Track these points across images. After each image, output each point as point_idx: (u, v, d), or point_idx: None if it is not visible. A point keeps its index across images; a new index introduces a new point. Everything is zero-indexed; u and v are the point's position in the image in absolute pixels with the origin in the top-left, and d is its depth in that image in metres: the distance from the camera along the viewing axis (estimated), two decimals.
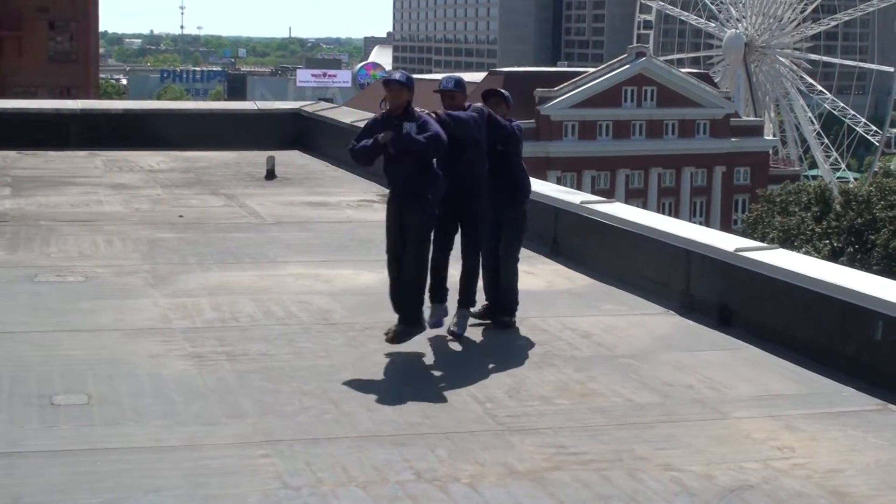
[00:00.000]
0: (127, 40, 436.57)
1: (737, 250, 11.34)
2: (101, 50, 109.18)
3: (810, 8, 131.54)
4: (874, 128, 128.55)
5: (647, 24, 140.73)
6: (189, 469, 7.47)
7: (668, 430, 8.42)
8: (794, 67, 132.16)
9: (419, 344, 10.48)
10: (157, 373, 9.46)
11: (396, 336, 10.19)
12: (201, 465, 7.54)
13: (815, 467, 7.75)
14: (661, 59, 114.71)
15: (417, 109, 10.21)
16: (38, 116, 24.70)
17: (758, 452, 8.01)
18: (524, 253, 14.65)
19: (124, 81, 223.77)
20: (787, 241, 70.88)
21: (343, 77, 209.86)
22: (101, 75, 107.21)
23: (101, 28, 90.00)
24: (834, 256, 67.10)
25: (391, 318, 11.17)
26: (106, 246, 14.60)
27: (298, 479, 7.35)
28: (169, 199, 18.50)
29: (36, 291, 12.19)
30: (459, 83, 10.69)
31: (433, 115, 10.23)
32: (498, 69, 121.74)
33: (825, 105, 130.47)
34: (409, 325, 10.22)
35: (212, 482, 7.28)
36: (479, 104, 10.84)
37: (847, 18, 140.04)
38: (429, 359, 10.11)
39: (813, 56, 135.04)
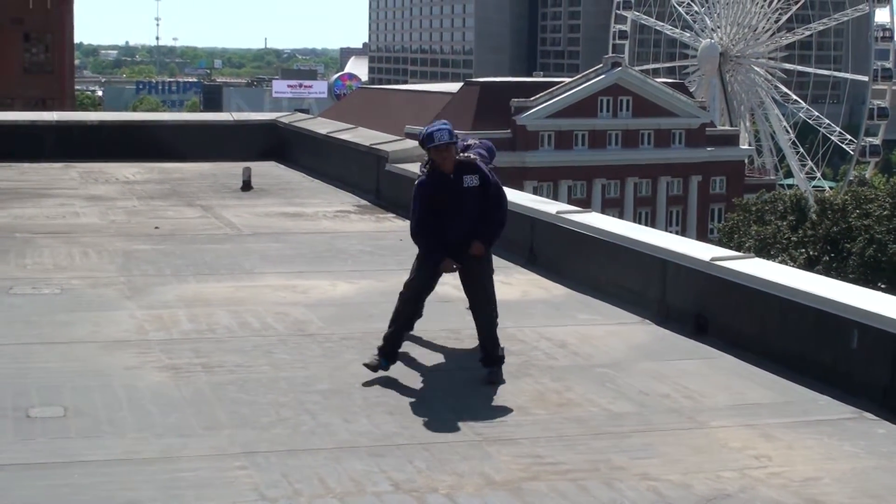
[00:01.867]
0: (102, 52, 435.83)
1: (713, 259, 11.37)
2: (77, 61, 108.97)
3: (784, 18, 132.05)
4: (849, 137, 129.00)
5: (623, 34, 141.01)
6: (165, 481, 7.45)
7: (644, 440, 8.44)
8: (769, 77, 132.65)
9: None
10: (133, 385, 9.43)
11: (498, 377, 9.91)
12: (177, 478, 7.51)
13: (791, 476, 7.77)
14: (637, 68, 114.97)
15: (464, 155, 9.82)
16: (12, 128, 24.61)
17: (735, 461, 8.03)
18: (501, 262, 14.69)
19: (100, 93, 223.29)
20: (763, 249, 71.09)
21: (319, 88, 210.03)
22: (77, 87, 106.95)
23: (77, 39, 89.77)
24: (810, 265, 67.30)
25: (368, 329, 11.18)
26: (82, 258, 14.55)
27: (275, 490, 7.34)
28: (145, 210, 18.45)
29: (11, 304, 12.14)
30: (451, 133, 9.97)
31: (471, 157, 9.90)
32: (473, 79, 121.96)
33: (800, 114, 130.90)
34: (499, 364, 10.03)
35: (188, 494, 7.26)
36: (478, 141, 10.65)
37: (821, 28, 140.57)
38: (405, 369, 10.10)
39: (787, 65, 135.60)
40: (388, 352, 9.85)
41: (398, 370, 10.02)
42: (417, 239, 9.95)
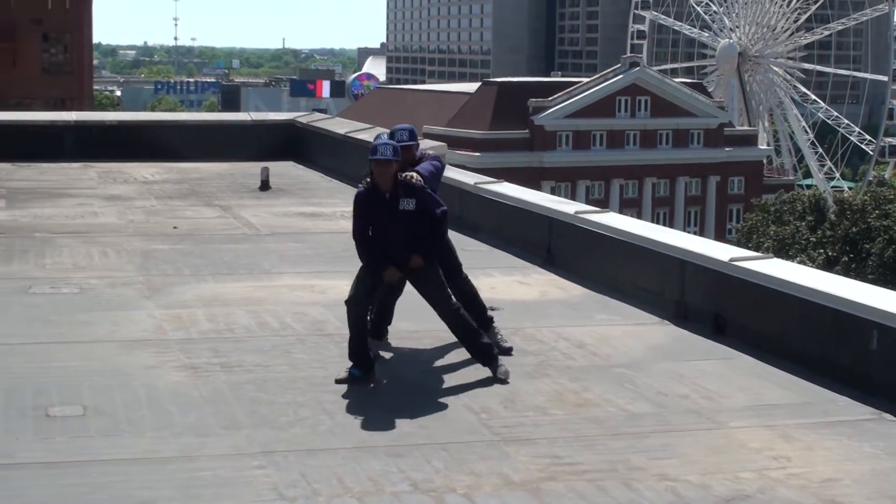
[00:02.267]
0: (121, 52, 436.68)
1: (731, 260, 11.35)
2: (95, 61, 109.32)
3: (804, 17, 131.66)
4: (868, 137, 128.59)
5: (641, 34, 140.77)
6: (184, 480, 7.47)
7: (663, 440, 8.42)
8: (788, 77, 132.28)
9: (413, 354, 10.49)
10: (152, 384, 9.45)
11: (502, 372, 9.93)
12: (196, 477, 7.53)
13: (810, 477, 7.76)
14: (655, 68, 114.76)
15: (403, 175, 9.72)
16: (32, 128, 24.69)
17: (753, 462, 8.02)
18: (519, 262, 14.71)
19: (118, 93, 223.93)
20: (782, 250, 70.88)
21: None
22: (95, 87, 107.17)
23: (95, 40, 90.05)
24: (829, 266, 67.12)
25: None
26: (101, 257, 14.59)
27: (294, 490, 7.34)
28: (163, 210, 18.49)
29: (31, 303, 12.18)
30: (412, 134, 10.31)
31: (415, 178, 9.77)
32: (491, 79, 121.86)
33: (819, 114, 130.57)
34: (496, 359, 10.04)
35: (206, 493, 7.27)
36: (433, 153, 10.72)
37: (840, 28, 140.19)
38: (423, 369, 10.11)
39: (806, 65, 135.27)
40: (357, 361, 9.73)
41: (415, 370, 10.03)
42: (357, 249, 9.88)
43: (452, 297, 10.03)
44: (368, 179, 9.77)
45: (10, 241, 15.45)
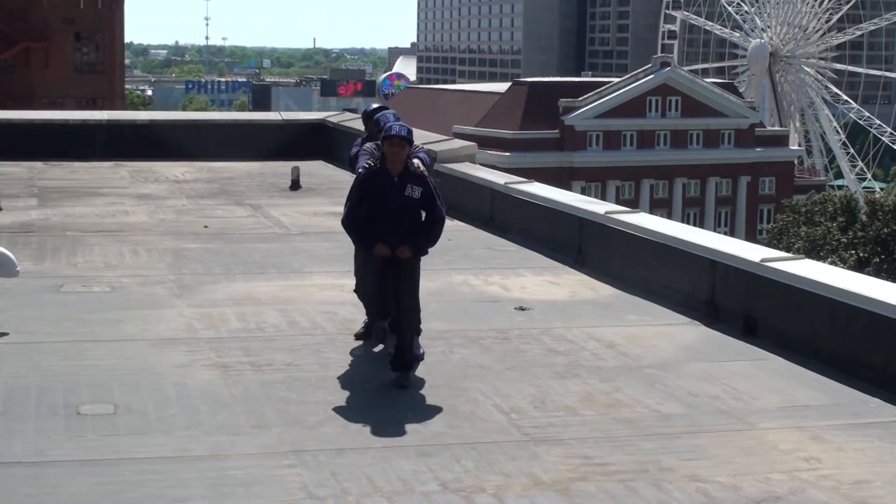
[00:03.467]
0: (152, 51, 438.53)
1: (762, 260, 11.31)
2: (127, 61, 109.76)
3: (835, 18, 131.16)
4: None
5: (672, 34, 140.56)
6: (214, 479, 7.48)
7: (693, 441, 8.40)
8: (819, 77, 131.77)
9: (443, 354, 10.49)
10: (182, 383, 9.48)
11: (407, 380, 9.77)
12: (226, 476, 7.55)
13: (841, 479, 7.72)
14: (686, 68, 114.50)
15: (415, 164, 9.69)
16: (64, 127, 24.81)
17: (784, 463, 7.98)
18: (549, 262, 14.69)
19: (149, 92, 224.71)
20: (813, 251, 70.63)
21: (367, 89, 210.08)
22: (127, 86, 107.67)
23: (127, 39, 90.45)
24: (860, 266, 66.84)
25: None
26: (132, 256, 14.65)
27: (324, 489, 7.35)
28: (194, 209, 18.55)
29: (62, 301, 12.24)
30: (411, 132, 10.01)
31: (420, 167, 9.75)
32: (522, 79, 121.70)
33: (850, 115, 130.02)
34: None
35: (237, 492, 7.29)
36: (420, 145, 10.70)
37: (872, 28, 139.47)
38: (453, 369, 10.11)
39: (838, 66, 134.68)
40: (380, 311, 9.80)
41: (445, 369, 10.02)
42: (347, 229, 9.80)
43: (419, 296, 9.85)
44: (373, 160, 9.74)
45: (42, 240, 15.53)
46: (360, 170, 10.04)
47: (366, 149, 10.65)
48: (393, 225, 9.60)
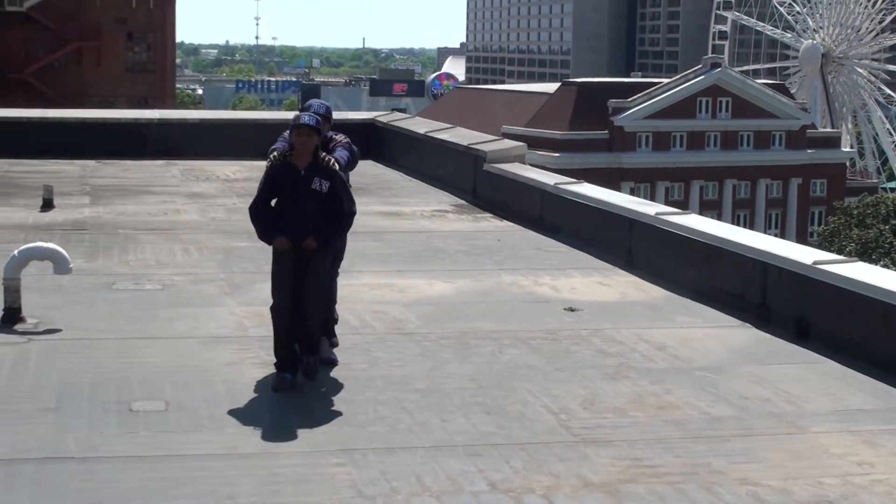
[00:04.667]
0: (203, 51, 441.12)
1: (815, 263, 11.22)
2: (178, 60, 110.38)
3: (889, 18, 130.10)
4: None
5: (723, 35, 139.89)
6: (264, 476, 7.51)
7: (744, 444, 8.35)
8: (872, 78, 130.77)
9: (492, 355, 10.48)
10: (232, 380, 9.52)
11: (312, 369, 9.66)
12: (276, 473, 7.57)
13: (894, 483, 7.64)
14: (737, 69, 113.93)
15: (324, 156, 9.47)
16: (116, 126, 24.99)
17: (836, 468, 7.92)
18: (599, 263, 14.65)
19: (200, 91, 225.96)
20: (865, 253, 70.12)
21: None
22: (178, 85, 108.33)
23: (178, 39, 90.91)
24: None
25: (465, 329, 11.21)
26: (183, 254, 14.73)
27: (373, 488, 7.36)
28: (244, 208, 18.54)
29: (115, 299, 12.32)
30: (328, 110, 10.07)
31: (333, 163, 9.52)
32: (571, 80, 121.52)
33: None
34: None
35: (286, 490, 7.31)
36: (345, 138, 10.45)
37: None
38: (502, 370, 10.09)
39: (891, 67, 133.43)
40: (283, 364, 9.49)
41: (495, 370, 10.01)
42: (252, 220, 9.60)
43: (326, 284, 9.72)
44: (284, 152, 9.50)
45: (95, 238, 15.64)
46: (270, 157, 9.65)
47: (284, 136, 10.27)
48: (298, 217, 9.36)
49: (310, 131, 9.33)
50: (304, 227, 9.36)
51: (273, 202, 9.58)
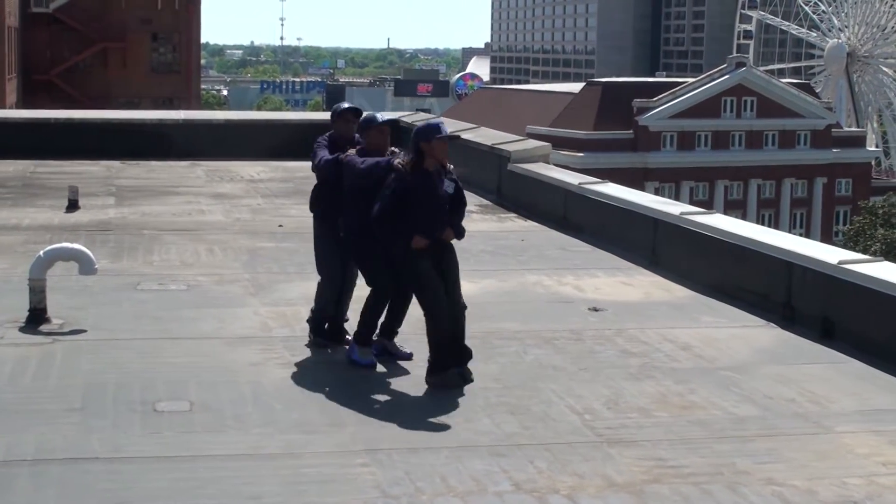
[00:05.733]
0: (228, 52, 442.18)
1: (840, 262, 11.19)
2: (203, 61, 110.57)
3: None
4: None
5: (748, 34, 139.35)
6: (288, 477, 7.52)
7: (769, 444, 8.33)
8: None
9: (517, 355, 10.48)
10: (257, 381, 9.54)
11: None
12: (301, 473, 7.59)
13: None
14: (762, 69, 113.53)
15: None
16: (141, 127, 25.08)
17: (861, 468, 7.89)
18: (623, 263, 14.63)
19: (225, 92, 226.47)
20: (890, 253, 69.82)
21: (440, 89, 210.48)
22: (203, 86, 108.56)
23: (203, 39, 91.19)
24: None
25: (490, 329, 11.20)
26: (207, 255, 14.77)
27: (397, 488, 7.37)
28: (269, 208, 18.67)
29: (139, 299, 12.37)
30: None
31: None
32: (596, 80, 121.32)
33: None
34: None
35: (311, 490, 7.32)
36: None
37: None
38: (526, 370, 10.09)
39: None
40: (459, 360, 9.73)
41: (519, 370, 10.01)
42: (384, 227, 9.65)
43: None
44: (404, 159, 9.89)
45: (120, 238, 15.69)
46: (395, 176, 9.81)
47: (323, 139, 10.55)
48: (440, 219, 9.63)
49: (388, 128, 10.14)
50: (439, 225, 9.60)
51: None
